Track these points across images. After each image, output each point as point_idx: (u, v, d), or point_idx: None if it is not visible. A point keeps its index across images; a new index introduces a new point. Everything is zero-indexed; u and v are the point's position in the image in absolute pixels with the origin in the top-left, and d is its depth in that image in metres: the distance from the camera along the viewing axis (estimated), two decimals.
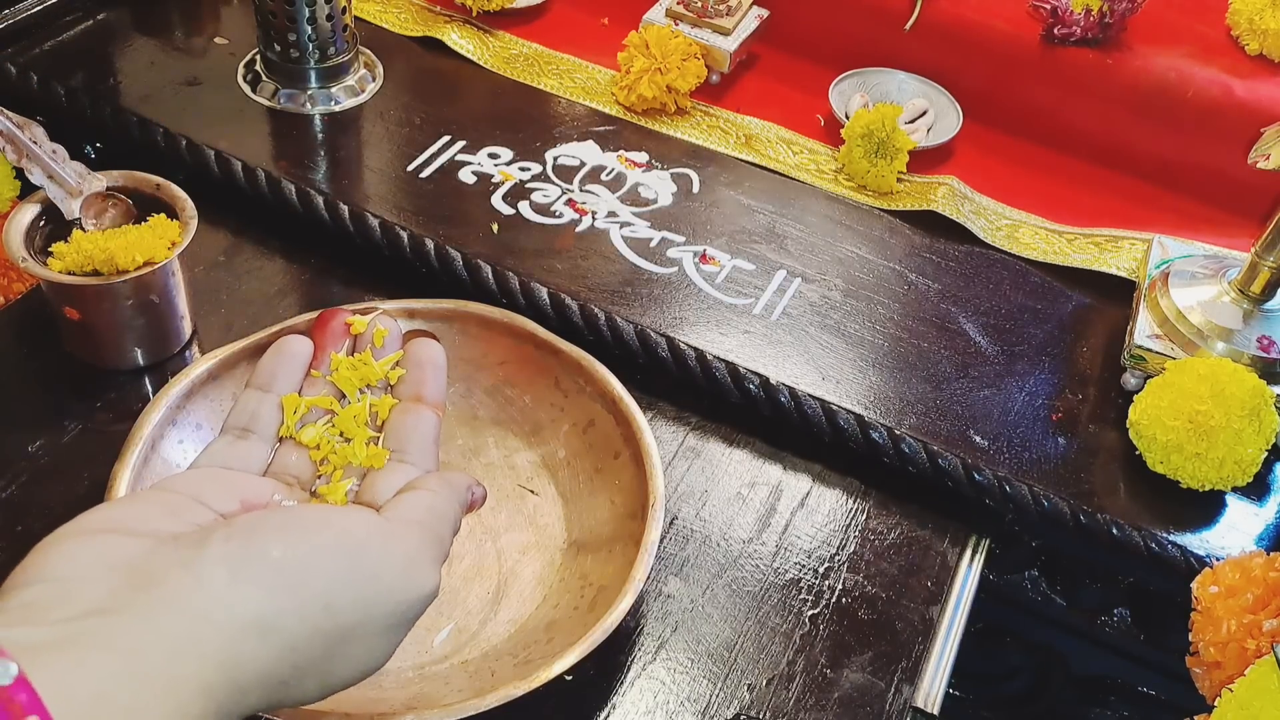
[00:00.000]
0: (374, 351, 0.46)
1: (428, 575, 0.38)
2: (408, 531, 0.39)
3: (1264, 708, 0.48)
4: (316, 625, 0.34)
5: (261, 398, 0.44)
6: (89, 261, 0.59)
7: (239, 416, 0.44)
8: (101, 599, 0.30)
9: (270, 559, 0.33)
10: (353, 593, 0.35)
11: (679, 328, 0.68)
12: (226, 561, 0.33)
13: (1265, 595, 0.54)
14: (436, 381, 0.46)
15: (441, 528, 0.40)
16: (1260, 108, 0.81)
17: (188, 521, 0.36)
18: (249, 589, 0.32)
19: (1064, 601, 0.67)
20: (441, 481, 0.43)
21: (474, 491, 0.44)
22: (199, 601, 0.32)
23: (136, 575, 0.32)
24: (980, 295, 0.75)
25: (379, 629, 0.36)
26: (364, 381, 0.46)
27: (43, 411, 0.61)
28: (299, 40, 0.80)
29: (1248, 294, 0.69)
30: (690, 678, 0.54)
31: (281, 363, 0.45)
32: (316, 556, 0.34)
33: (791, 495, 0.63)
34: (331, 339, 0.46)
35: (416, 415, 0.45)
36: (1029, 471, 0.64)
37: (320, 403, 0.45)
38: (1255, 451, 0.63)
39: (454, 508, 0.41)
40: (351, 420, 0.44)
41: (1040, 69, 0.86)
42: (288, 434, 0.44)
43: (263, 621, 0.32)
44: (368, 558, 0.36)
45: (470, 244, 0.72)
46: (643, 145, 0.82)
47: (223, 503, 0.38)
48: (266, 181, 0.73)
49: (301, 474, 0.44)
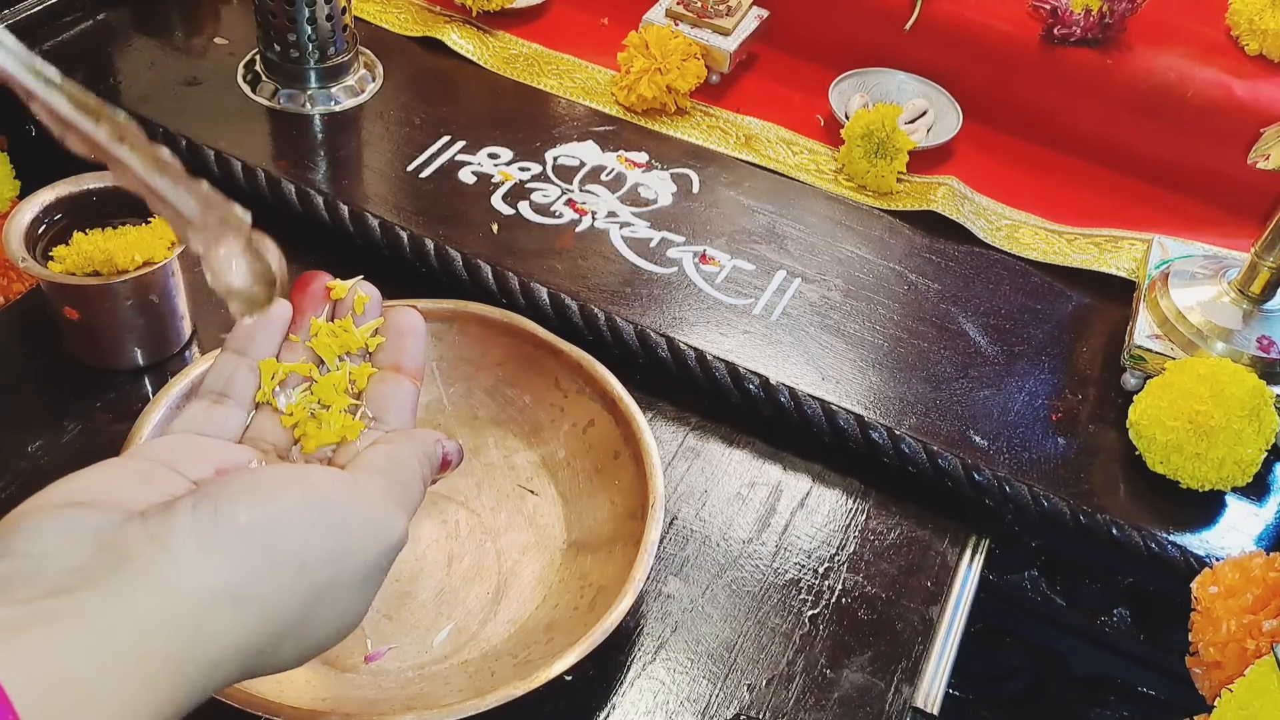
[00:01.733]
0: (354, 318, 0.45)
1: (395, 522, 0.38)
2: (370, 481, 0.38)
3: (1263, 708, 0.48)
4: (291, 587, 0.33)
5: (238, 362, 0.43)
6: (89, 262, 0.59)
7: (215, 380, 0.43)
8: (70, 576, 0.30)
9: (238, 524, 0.33)
10: (324, 548, 0.35)
11: (679, 328, 0.69)
12: (195, 531, 0.32)
13: (1265, 595, 0.54)
14: (416, 350, 0.45)
15: (405, 475, 0.40)
16: (1260, 108, 0.81)
17: (161, 490, 0.35)
18: (219, 558, 0.32)
19: (1064, 601, 0.66)
20: (403, 434, 0.42)
21: (444, 445, 0.42)
22: (170, 574, 0.31)
23: (106, 550, 0.31)
24: (980, 295, 0.75)
25: (352, 583, 0.36)
26: (344, 349, 0.44)
27: (42, 411, 0.61)
28: (299, 40, 0.80)
29: (1247, 294, 0.69)
30: (690, 678, 0.54)
31: (258, 326, 0.44)
32: (284, 516, 0.34)
33: (791, 495, 0.63)
34: (310, 302, 0.45)
35: (395, 384, 0.44)
36: (1029, 471, 0.64)
37: (299, 369, 0.44)
38: (1255, 452, 0.63)
39: (417, 456, 0.41)
40: (331, 388, 0.43)
41: (1040, 69, 0.86)
42: (264, 400, 0.43)
43: (236, 590, 0.32)
44: (335, 511, 0.35)
45: (470, 244, 0.72)
46: (643, 145, 0.82)
47: (197, 470, 0.37)
48: (266, 181, 0.73)
49: (278, 441, 0.43)
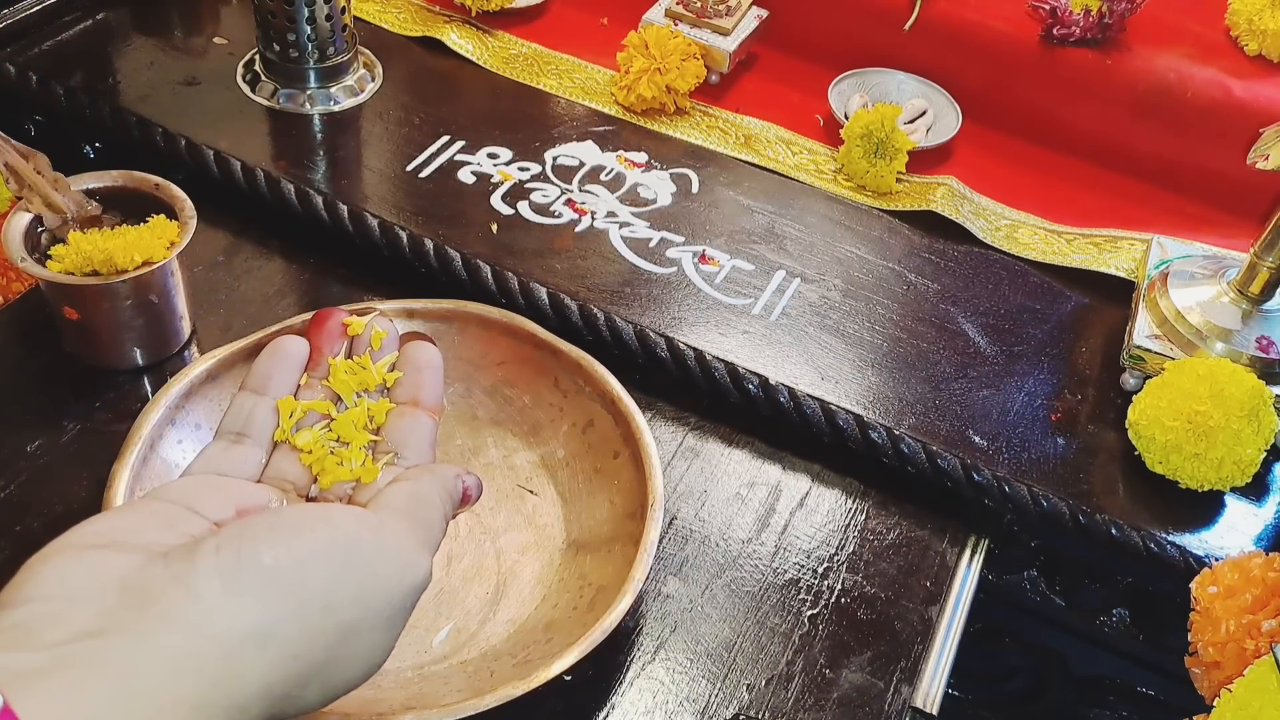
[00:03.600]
0: (371, 354, 0.46)
1: (420, 561, 0.38)
2: (395, 520, 0.38)
3: (1263, 708, 0.48)
4: (316, 627, 0.33)
5: (256, 401, 0.43)
6: (88, 262, 0.59)
7: (233, 420, 0.43)
8: (95, 619, 0.30)
9: (262, 566, 0.33)
10: (349, 589, 0.35)
11: (678, 328, 0.68)
12: (219, 573, 0.32)
13: (1264, 595, 0.54)
14: (433, 385, 0.46)
15: (428, 513, 0.40)
16: (1259, 108, 0.81)
17: (182, 532, 0.35)
18: (244, 599, 0.32)
19: (1063, 602, 0.67)
20: (423, 470, 0.42)
21: (464, 480, 0.43)
22: (194, 617, 0.31)
23: (130, 593, 0.31)
24: (979, 295, 0.75)
25: (378, 623, 0.36)
26: (362, 386, 0.45)
27: (42, 411, 0.61)
28: (298, 40, 0.80)
29: (1247, 294, 0.69)
30: (689, 678, 0.54)
31: (276, 364, 0.44)
32: (309, 557, 0.34)
33: (790, 495, 0.63)
34: (328, 340, 0.45)
35: (413, 419, 0.45)
36: (1028, 471, 0.64)
37: (317, 407, 0.44)
38: (1254, 452, 0.63)
39: (438, 493, 0.41)
40: (350, 425, 0.44)
41: (1039, 69, 0.86)
42: (283, 438, 0.43)
43: (261, 631, 0.32)
44: (360, 552, 0.35)
45: (469, 244, 0.72)
46: (642, 145, 0.82)
47: (217, 511, 0.37)
48: (266, 181, 0.73)
49: (297, 479, 0.43)
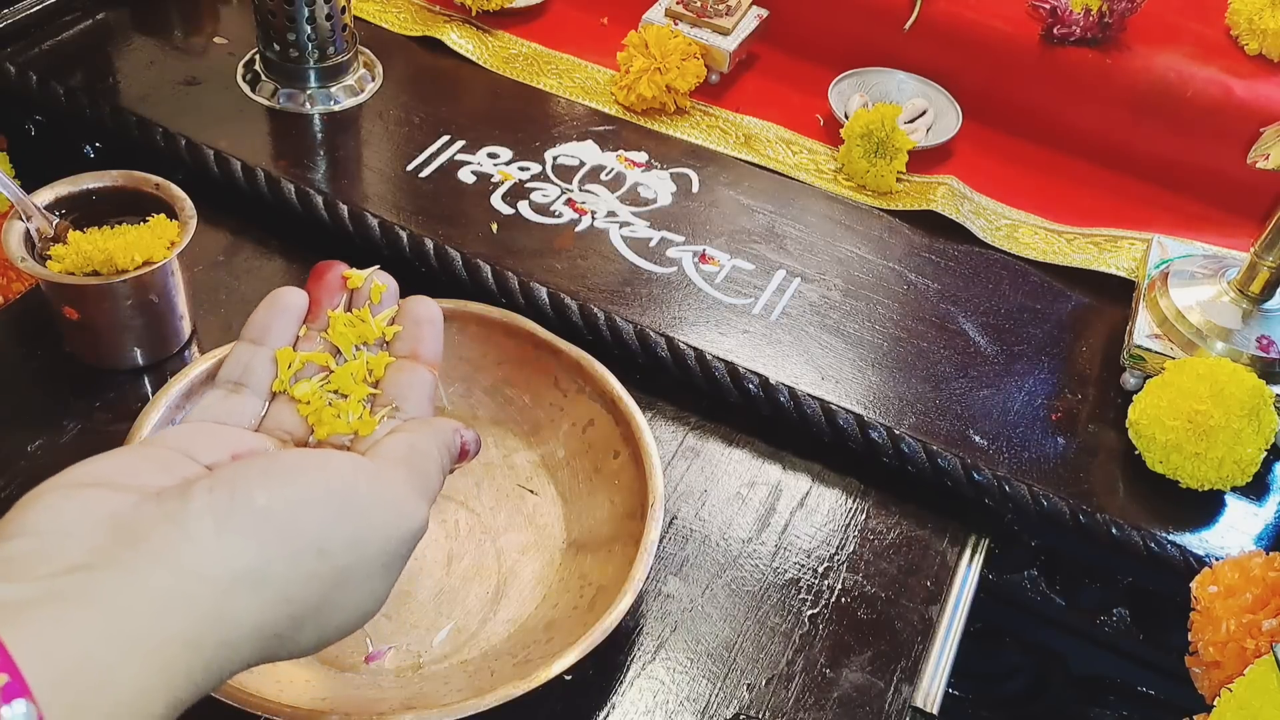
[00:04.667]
0: (370, 308, 0.45)
1: (416, 510, 0.38)
2: (392, 468, 0.38)
3: (1263, 707, 0.48)
4: (310, 571, 0.33)
5: (255, 351, 0.43)
6: (88, 262, 0.59)
7: (231, 369, 0.43)
8: (86, 554, 0.30)
9: (256, 506, 0.33)
10: (345, 533, 0.34)
11: (678, 327, 0.68)
12: (212, 512, 0.32)
13: (1264, 595, 0.54)
14: (433, 339, 0.45)
15: (425, 464, 0.40)
16: (1260, 108, 0.81)
17: (177, 475, 0.35)
18: (238, 539, 0.32)
19: (1063, 601, 0.67)
20: (422, 423, 0.42)
21: (462, 435, 0.42)
22: (185, 555, 0.31)
23: (122, 530, 0.31)
24: (980, 295, 0.75)
25: (373, 569, 0.36)
26: (361, 338, 0.45)
27: (42, 411, 0.61)
28: (298, 40, 0.80)
29: (1247, 294, 0.69)
30: (689, 677, 0.54)
31: (275, 315, 0.44)
32: (304, 500, 0.34)
33: (791, 495, 0.63)
34: (327, 292, 0.45)
35: (412, 373, 0.44)
36: (1028, 471, 0.64)
37: (315, 358, 0.44)
38: (1254, 451, 0.63)
39: (436, 445, 0.41)
40: (348, 377, 0.43)
41: (1040, 69, 0.86)
42: (281, 389, 0.43)
43: (254, 572, 0.32)
44: (356, 496, 0.35)
45: (469, 244, 0.72)
46: (642, 145, 0.82)
47: (213, 456, 0.37)
48: (266, 181, 0.73)
49: (295, 430, 0.43)
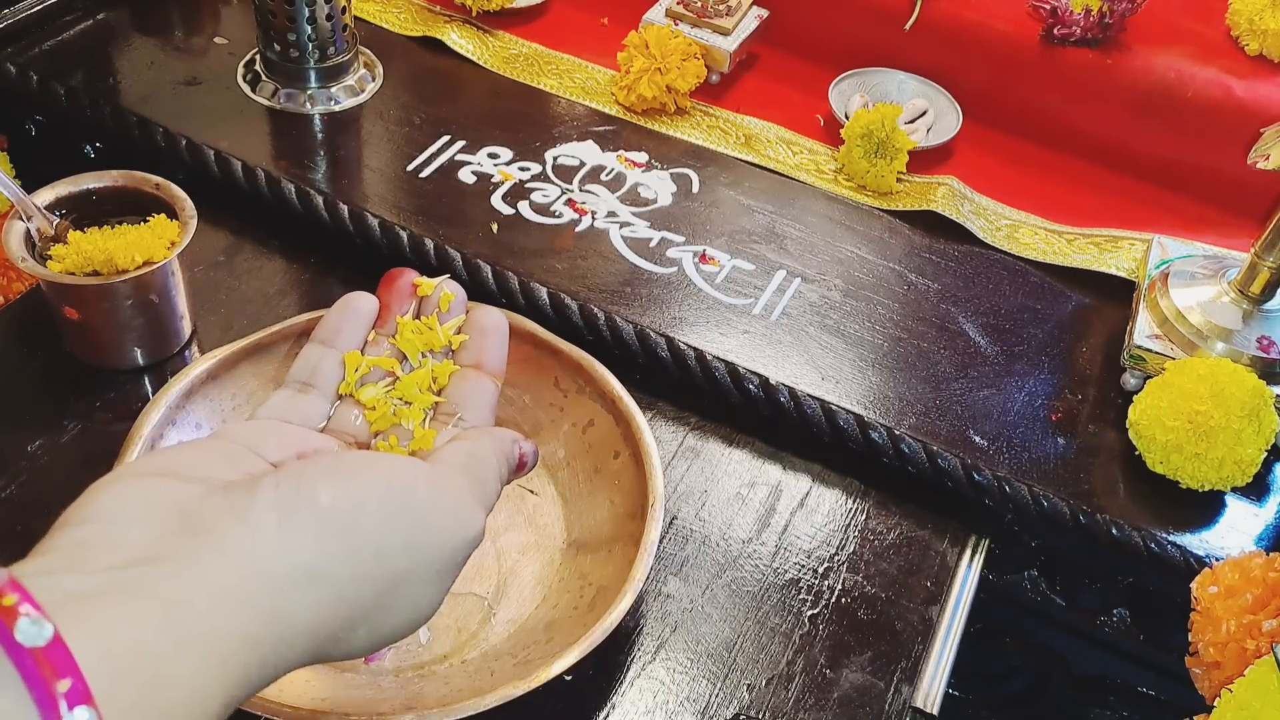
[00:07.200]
0: (439, 316, 0.46)
1: (474, 518, 0.38)
2: (452, 474, 0.39)
3: (1263, 708, 0.48)
4: (367, 572, 0.34)
5: (324, 353, 0.44)
6: (88, 262, 0.59)
7: (300, 369, 0.44)
8: (150, 545, 0.30)
9: (319, 504, 0.33)
10: (403, 537, 0.35)
11: (678, 328, 0.68)
12: (276, 507, 0.32)
13: (1265, 595, 0.54)
14: (498, 349, 0.46)
15: (485, 472, 0.40)
16: (1260, 108, 0.81)
17: (242, 470, 0.35)
18: (298, 535, 0.32)
19: (1063, 601, 0.66)
20: (482, 432, 0.43)
21: (521, 447, 0.43)
22: (248, 548, 0.31)
23: (186, 521, 0.31)
24: (980, 295, 0.75)
25: (428, 574, 0.36)
26: (428, 346, 0.45)
27: (43, 411, 0.61)
28: (299, 40, 0.80)
29: (1247, 294, 0.69)
30: (690, 678, 0.54)
31: (346, 318, 0.45)
32: (366, 501, 0.34)
33: (791, 495, 0.63)
34: (397, 298, 0.46)
35: (476, 382, 0.45)
36: (1028, 471, 0.64)
37: (382, 363, 0.44)
38: (1255, 452, 0.63)
39: (495, 455, 0.41)
40: (414, 385, 0.44)
41: (1040, 69, 0.86)
42: (348, 391, 0.44)
43: (312, 569, 0.32)
44: (416, 501, 0.36)
45: (470, 244, 0.72)
46: (642, 145, 0.82)
47: (278, 453, 0.38)
48: (266, 181, 0.73)
49: (359, 433, 0.43)
